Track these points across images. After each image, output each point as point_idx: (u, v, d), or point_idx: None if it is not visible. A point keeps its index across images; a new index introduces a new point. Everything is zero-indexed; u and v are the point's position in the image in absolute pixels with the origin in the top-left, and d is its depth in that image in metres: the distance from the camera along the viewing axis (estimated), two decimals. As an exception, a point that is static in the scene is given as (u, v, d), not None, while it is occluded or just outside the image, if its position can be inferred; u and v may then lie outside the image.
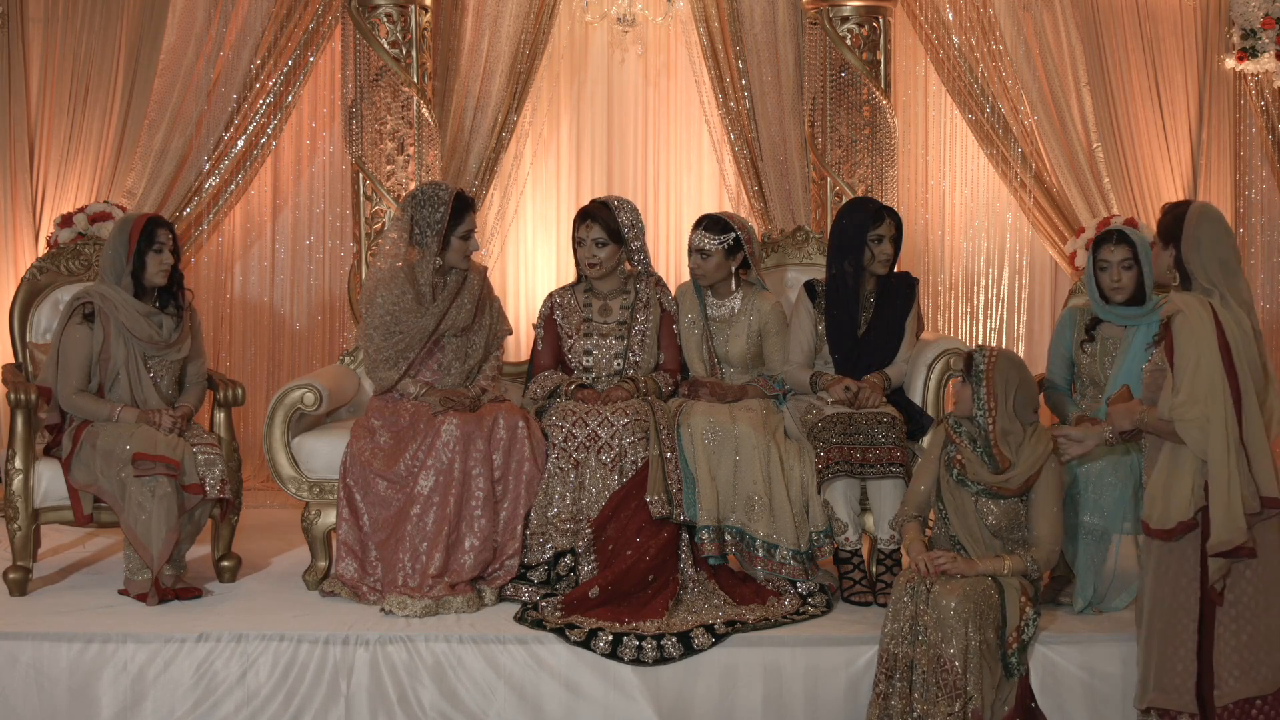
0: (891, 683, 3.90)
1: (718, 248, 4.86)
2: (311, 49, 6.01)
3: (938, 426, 4.28)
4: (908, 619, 3.90)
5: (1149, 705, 3.65)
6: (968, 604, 3.84)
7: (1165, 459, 3.60)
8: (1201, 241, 3.61)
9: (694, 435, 4.54)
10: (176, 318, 4.76)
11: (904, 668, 3.89)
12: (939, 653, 3.84)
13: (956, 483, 4.09)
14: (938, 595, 3.87)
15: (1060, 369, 4.73)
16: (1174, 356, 3.53)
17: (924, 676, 3.85)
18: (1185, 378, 3.50)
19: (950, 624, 3.82)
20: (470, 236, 4.74)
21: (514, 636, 4.18)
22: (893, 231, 4.82)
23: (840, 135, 6.07)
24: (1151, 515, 3.59)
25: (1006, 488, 4.05)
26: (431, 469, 4.47)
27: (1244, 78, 6.38)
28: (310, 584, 4.69)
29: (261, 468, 6.22)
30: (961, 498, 4.09)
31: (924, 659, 3.86)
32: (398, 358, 4.70)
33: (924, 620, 3.88)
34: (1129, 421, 3.68)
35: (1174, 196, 6.28)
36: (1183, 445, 3.53)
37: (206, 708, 4.11)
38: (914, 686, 3.87)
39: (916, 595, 3.92)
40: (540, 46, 5.96)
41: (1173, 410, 3.50)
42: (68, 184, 6.10)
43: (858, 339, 4.82)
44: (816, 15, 6.03)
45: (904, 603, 3.92)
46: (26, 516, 4.66)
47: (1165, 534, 3.56)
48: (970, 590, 3.88)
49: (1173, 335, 3.54)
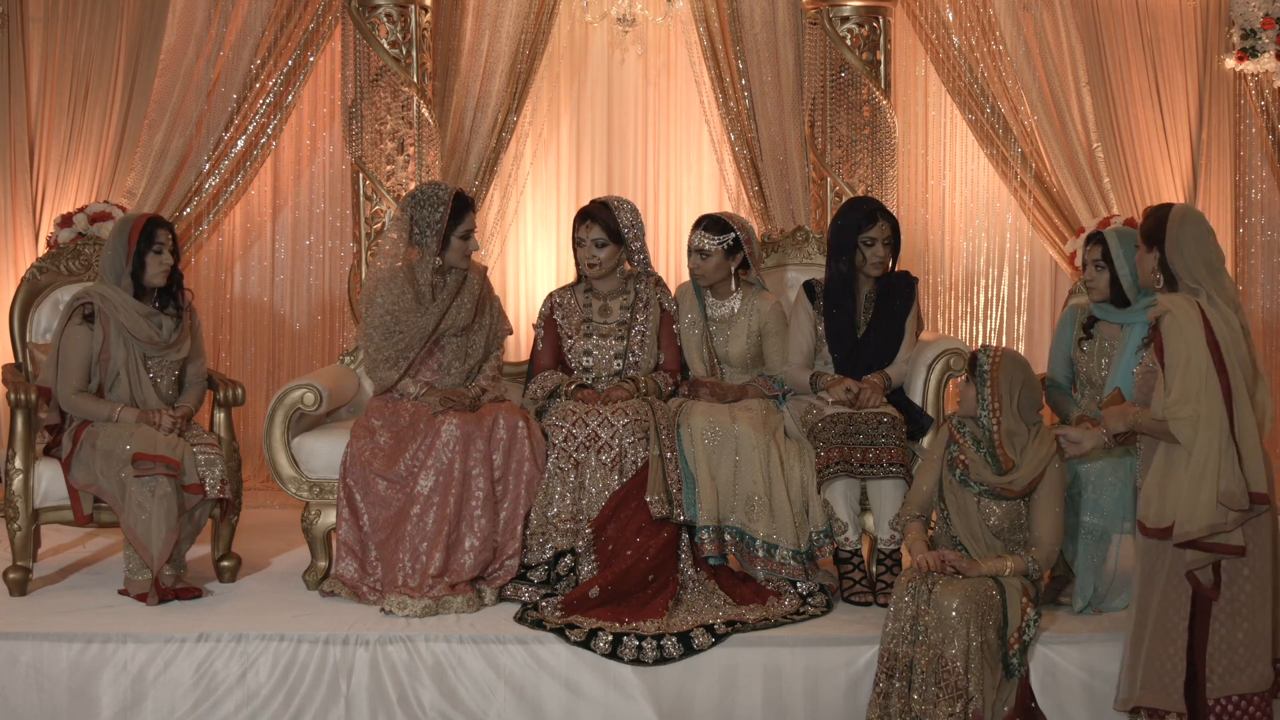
0: (891, 682, 3.90)
1: (717, 248, 4.86)
2: (311, 49, 6.01)
3: (940, 426, 4.27)
4: (908, 619, 3.90)
5: (1137, 704, 3.66)
6: (969, 604, 3.84)
7: (1160, 459, 3.61)
8: (1184, 243, 3.64)
9: (694, 435, 4.54)
10: (176, 318, 4.76)
11: (904, 667, 3.88)
12: (940, 653, 3.84)
13: (959, 483, 4.09)
14: (939, 595, 3.87)
15: (1061, 368, 4.74)
16: (1164, 356, 3.55)
17: (923, 676, 3.85)
18: (1176, 377, 3.51)
19: (952, 624, 3.82)
20: (470, 236, 4.74)
21: (514, 636, 4.17)
22: (887, 234, 4.78)
23: (840, 135, 6.07)
24: (1147, 515, 3.60)
25: (1011, 489, 4.05)
26: (432, 469, 4.47)
27: (1244, 78, 6.39)
28: (310, 584, 4.69)
29: (261, 468, 6.23)
30: (964, 498, 4.09)
31: (924, 659, 3.86)
32: (397, 357, 4.70)
33: (925, 620, 3.87)
34: (1122, 424, 3.70)
35: (1174, 196, 6.28)
36: (1177, 445, 3.54)
37: (206, 708, 4.11)
38: (913, 686, 3.86)
39: (918, 595, 3.91)
40: (540, 46, 5.96)
41: (1165, 409, 3.52)
42: (68, 184, 6.10)
43: (857, 339, 4.82)
44: (816, 15, 6.03)
45: (905, 602, 3.92)
46: (26, 516, 4.66)
47: (1161, 533, 3.56)
48: (972, 591, 3.88)
49: (1162, 336, 3.56)
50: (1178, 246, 3.65)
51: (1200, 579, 3.56)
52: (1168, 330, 3.55)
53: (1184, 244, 3.64)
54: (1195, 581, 3.56)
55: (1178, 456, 3.55)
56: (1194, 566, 3.55)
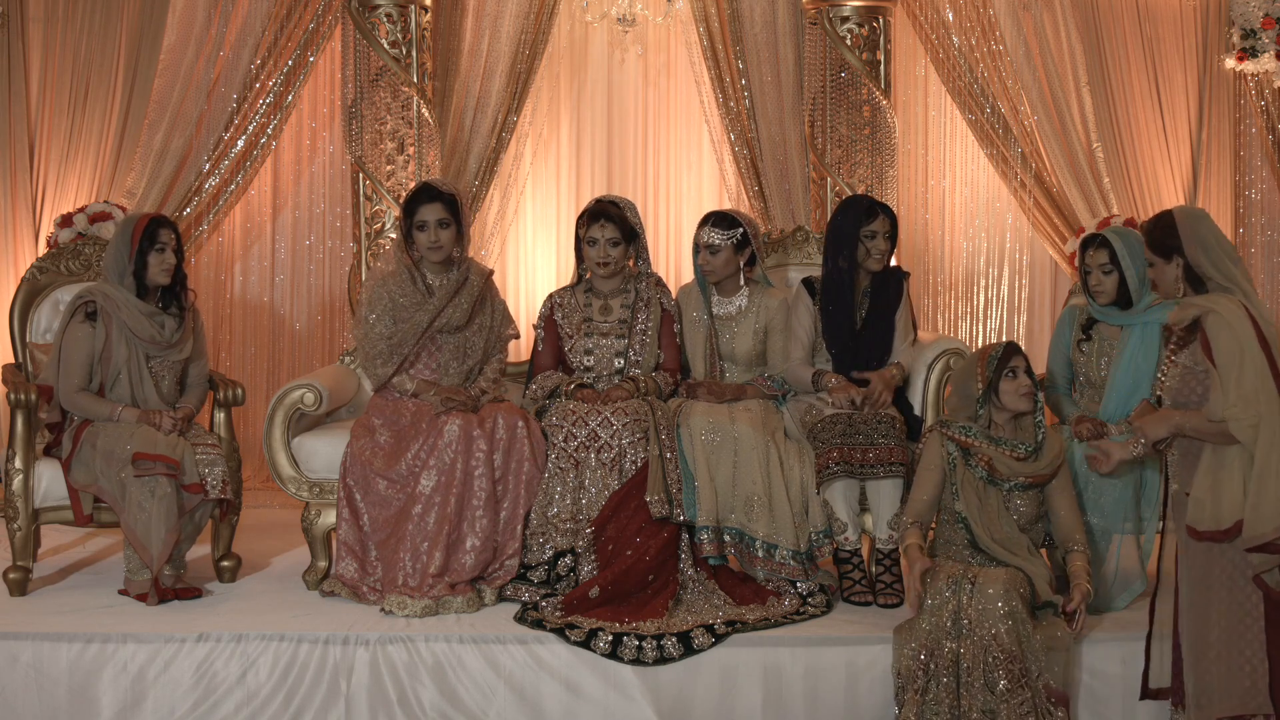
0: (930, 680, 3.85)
1: (727, 242, 4.87)
2: (311, 49, 6.01)
3: (928, 434, 4.26)
4: (950, 613, 3.87)
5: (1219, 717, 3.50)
6: (1014, 594, 3.85)
7: (1209, 461, 3.50)
8: (1206, 240, 3.55)
9: (693, 435, 4.54)
10: (179, 318, 4.76)
11: (949, 662, 3.83)
12: (992, 644, 3.79)
13: (988, 484, 4.09)
14: (982, 585, 3.86)
15: (1060, 369, 4.74)
16: (1215, 357, 3.43)
17: (969, 673, 3.81)
18: (1233, 378, 3.40)
19: (1001, 615, 3.80)
20: (426, 227, 4.71)
21: (514, 636, 4.17)
22: (887, 228, 4.82)
23: (840, 135, 6.07)
24: (1200, 519, 3.47)
25: (1042, 474, 4.09)
26: (434, 469, 4.47)
27: (1244, 78, 6.38)
28: (310, 584, 4.69)
29: (261, 468, 6.22)
30: (989, 498, 4.09)
31: (970, 652, 3.82)
32: (391, 353, 4.70)
33: (968, 613, 3.84)
34: (1166, 429, 3.55)
35: (1174, 196, 6.28)
36: (1226, 446, 3.43)
37: (206, 708, 4.11)
38: (961, 682, 3.82)
39: (960, 589, 3.88)
40: (540, 46, 5.96)
41: (1227, 411, 3.40)
42: (68, 184, 6.09)
43: (855, 335, 4.83)
44: (816, 15, 6.03)
45: (945, 597, 3.89)
46: (26, 516, 4.66)
47: (1220, 535, 3.44)
48: (1012, 581, 3.89)
49: (1208, 336, 3.45)
50: (1201, 246, 3.54)
51: (1269, 582, 3.45)
52: (1215, 329, 3.44)
53: (1206, 242, 3.54)
54: (1264, 586, 3.46)
55: (1228, 457, 3.45)
56: (1261, 570, 3.44)
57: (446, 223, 4.71)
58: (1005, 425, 4.14)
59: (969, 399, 4.13)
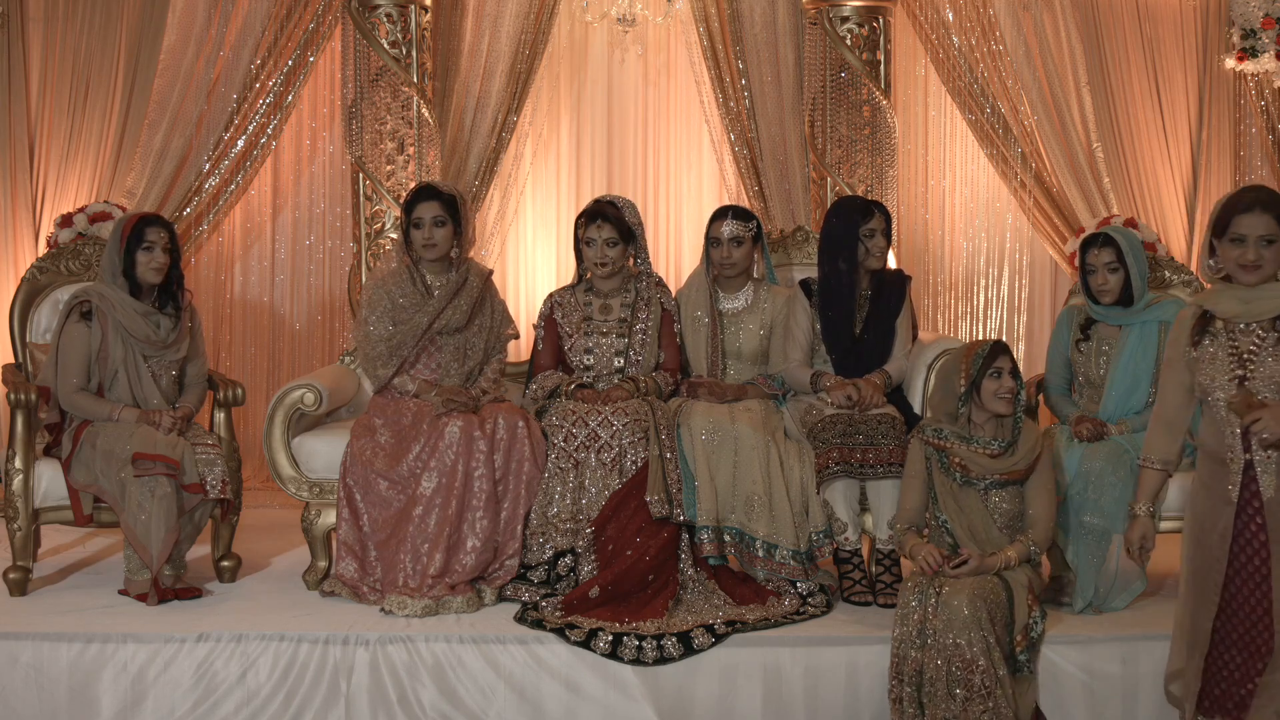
0: (903, 687, 3.87)
1: (748, 234, 4.91)
2: (311, 49, 6.01)
3: (911, 440, 4.25)
4: (915, 624, 3.87)
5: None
6: (979, 602, 3.82)
7: None
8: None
9: (694, 435, 4.54)
10: (175, 318, 4.76)
11: (913, 672, 3.85)
12: (955, 654, 3.78)
13: (963, 485, 4.08)
14: (947, 596, 3.84)
15: (1059, 369, 4.74)
16: None
17: (932, 680, 3.81)
18: None
19: (964, 622, 3.78)
20: (422, 224, 4.72)
21: (514, 636, 4.17)
22: (883, 225, 4.84)
23: (840, 135, 6.07)
24: None
25: (1016, 469, 4.06)
26: (435, 470, 4.47)
27: (1244, 78, 6.38)
28: (310, 584, 4.69)
29: (261, 468, 6.23)
30: (968, 499, 4.07)
31: (932, 664, 3.81)
32: (390, 355, 4.71)
33: (932, 624, 3.84)
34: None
35: (1174, 196, 6.29)
36: None
37: (206, 708, 4.10)
38: (923, 691, 3.83)
39: (924, 598, 3.88)
40: (540, 46, 5.96)
41: None
42: (68, 184, 6.10)
43: (855, 338, 4.82)
44: (816, 15, 6.03)
45: (912, 606, 3.89)
46: (26, 516, 4.65)
47: None
48: (979, 588, 3.86)
49: None
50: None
51: None
52: None
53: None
54: None
55: None
56: None
57: (442, 220, 4.71)
58: (986, 425, 4.09)
59: (951, 394, 4.10)
